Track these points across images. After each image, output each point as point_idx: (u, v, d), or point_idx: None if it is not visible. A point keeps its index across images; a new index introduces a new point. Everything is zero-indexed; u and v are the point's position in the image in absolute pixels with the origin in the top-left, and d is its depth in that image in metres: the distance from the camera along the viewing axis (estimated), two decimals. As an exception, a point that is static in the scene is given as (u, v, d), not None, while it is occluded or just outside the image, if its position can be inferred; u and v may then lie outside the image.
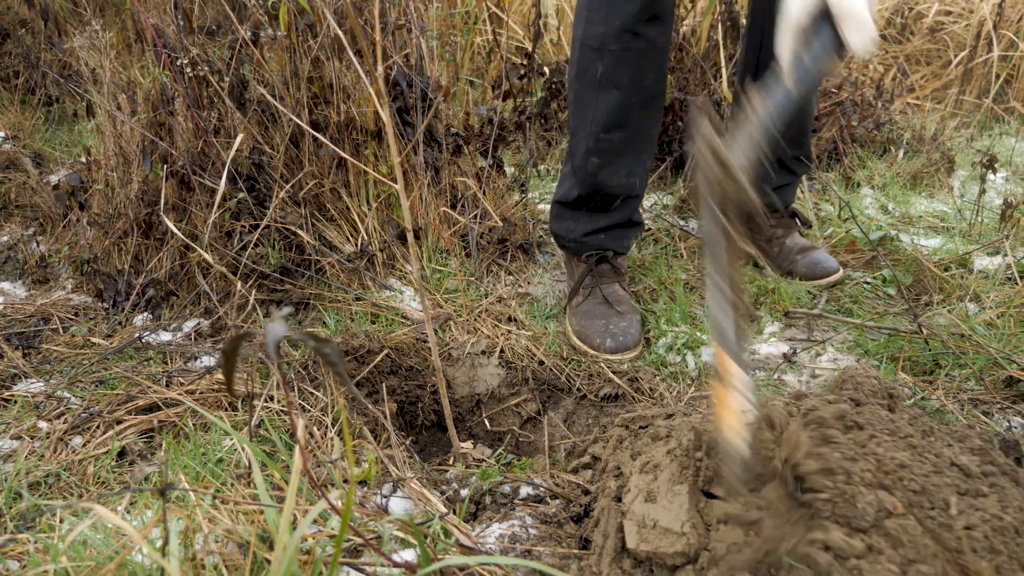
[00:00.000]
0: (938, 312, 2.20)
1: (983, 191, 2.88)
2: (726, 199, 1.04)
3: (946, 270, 2.47)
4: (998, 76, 4.50)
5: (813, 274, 2.39)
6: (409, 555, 1.18)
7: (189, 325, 2.15)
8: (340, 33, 1.91)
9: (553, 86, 3.34)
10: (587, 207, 2.17)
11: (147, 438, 1.70)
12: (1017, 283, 2.33)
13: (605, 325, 2.06)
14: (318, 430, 1.56)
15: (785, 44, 1.26)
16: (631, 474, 1.31)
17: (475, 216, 2.49)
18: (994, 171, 2.75)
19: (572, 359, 2.04)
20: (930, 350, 2.00)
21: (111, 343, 2.05)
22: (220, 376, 1.82)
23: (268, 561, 1.10)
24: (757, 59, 2.32)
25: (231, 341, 0.74)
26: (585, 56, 1.99)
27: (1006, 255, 2.48)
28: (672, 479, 1.22)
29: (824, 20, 1.23)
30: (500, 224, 2.50)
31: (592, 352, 2.04)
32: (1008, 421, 1.73)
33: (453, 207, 2.53)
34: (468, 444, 1.86)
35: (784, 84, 1.20)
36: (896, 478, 1.22)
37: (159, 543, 1.14)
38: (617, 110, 2.00)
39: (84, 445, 1.64)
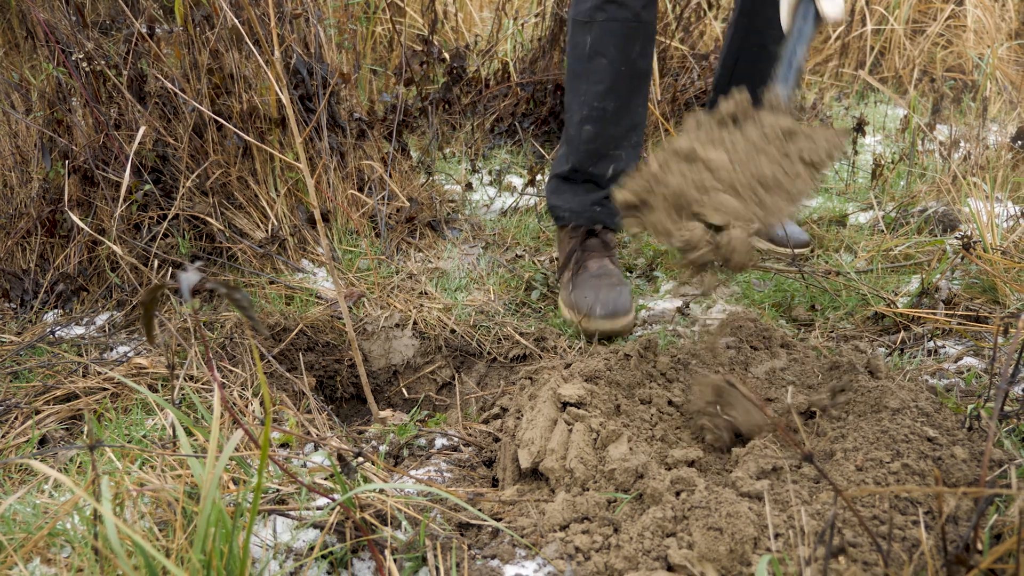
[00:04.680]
0: (816, 264, 2.39)
1: (856, 152, 3.11)
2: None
3: (826, 227, 2.67)
4: (872, 48, 4.80)
5: (788, 242, 2.47)
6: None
7: (102, 318, 2.17)
8: (238, 23, 1.96)
9: (454, 71, 3.44)
10: (582, 180, 2.24)
11: (67, 426, 1.73)
12: (885, 232, 2.55)
13: (595, 295, 2.07)
14: (240, 399, 1.63)
15: (784, 14, 1.72)
16: (525, 413, 1.43)
17: (383, 198, 2.57)
18: (863, 134, 2.97)
19: (481, 325, 2.15)
20: (808, 287, 2.19)
21: (23, 339, 2.06)
22: (137, 362, 1.86)
23: (197, 514, 1.18)
24: (732, 73, 2.44)
25: (148, 291, 0.82)
26: (576, 32, 2.11)
27: (875, 210, 2.70)
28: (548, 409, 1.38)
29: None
30: (407, 204, 2.59)
31: (583, 319, 2.05)
32: (875, 352, 1.92)
33: (360, 190, 2.60)
34: (387, 412, 1.95)
35: (787, 45, 1.68)
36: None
37: (89, 515, 1.20)
38: (608, 79, 2.08)
39: (3, 436, 1.66)
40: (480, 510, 1.32)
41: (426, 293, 2.26)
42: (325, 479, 1.36)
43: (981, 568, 0.84)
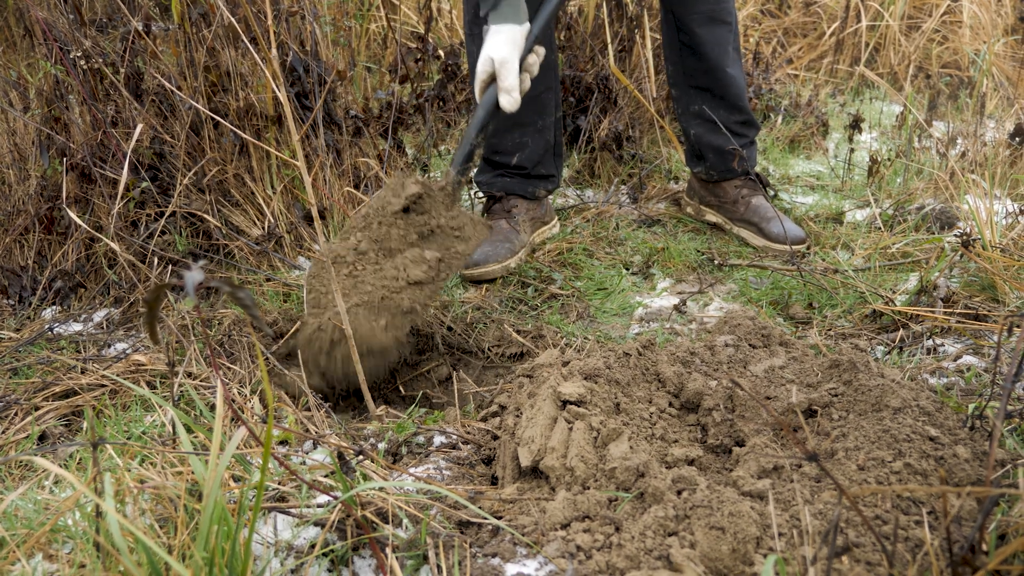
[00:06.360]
0: (813, 262, 2.39)
1: (852, 150, 3.11)
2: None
3: (823, 224, 2.68)
4: (867, 44, 4.80)
5: (785, 239, 2.48)
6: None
7: (100, 315, 2.17)
8: (234, 21, 1.96)
9: (449, 68, 3.43)
10: (490, 163, 2.60)
11: (66, 422, 1.73)
12: (882, 230, 2.55)
13: (480, 249, 2.36)
14: (239, 396, 1.62)
15: (476, 88, 2.03)
16: (524, 411, 1.43)
17: (380, 195, 2.56)
18: (859, 131, 2.98)
19: (479, 324, 2.15)
20: (805, 284, 2.20)
21: (21, 336, 2.05)
22: (136, 359, 1.86)
23: (199, 512, 1.17)
24: (679, 41, 2.53)
25: (152, 291, 0.82)
26: (467, 42, 2.45)
27: (872, 207, 2.71)
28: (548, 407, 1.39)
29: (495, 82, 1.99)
30: (404, 201, 2.59)
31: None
32: (874, 350, 1.92)
33: (356, 187, 2.60)
34: (383, 409, 1.95)
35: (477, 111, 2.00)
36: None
37: (91, 511, 1.19)
38: None
39: (3, 432, 1.66)
40: (480, 508, 1.32)
41: (424, 290, 2.26)
42: (325, 476, 1.36)
43: (988, 569, 0.84)
